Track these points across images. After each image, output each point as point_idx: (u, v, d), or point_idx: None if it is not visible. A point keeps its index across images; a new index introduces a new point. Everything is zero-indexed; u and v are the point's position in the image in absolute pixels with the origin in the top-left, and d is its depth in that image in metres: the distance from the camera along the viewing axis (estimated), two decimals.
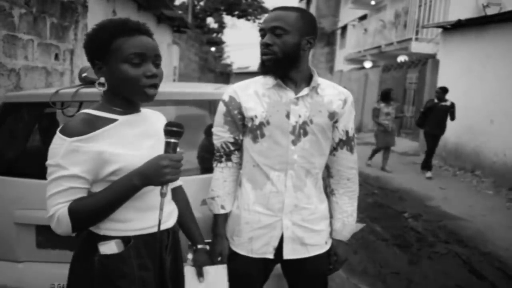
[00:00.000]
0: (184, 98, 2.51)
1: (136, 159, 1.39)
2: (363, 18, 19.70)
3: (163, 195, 1.39)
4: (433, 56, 11.22)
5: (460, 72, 9.50)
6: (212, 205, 1.89)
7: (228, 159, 1.88)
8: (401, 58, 13.52)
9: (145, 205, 1.47)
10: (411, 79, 12.59)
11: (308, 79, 1.81)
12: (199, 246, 1.74)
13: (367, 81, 16.27)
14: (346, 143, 1.88)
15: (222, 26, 35.79)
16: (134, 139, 1.45)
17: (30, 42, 5.17)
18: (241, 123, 1.84)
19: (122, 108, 1.46)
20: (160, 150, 1.42)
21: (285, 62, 1.73)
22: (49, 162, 1.36)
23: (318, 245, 1.87)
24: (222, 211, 1.87)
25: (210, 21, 34.89)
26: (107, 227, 1.43)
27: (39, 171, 2.36)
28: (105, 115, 1.43)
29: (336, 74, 21.39)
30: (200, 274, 1.74)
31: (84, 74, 2.42)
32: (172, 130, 1.40)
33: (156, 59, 1.44)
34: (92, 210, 1.35)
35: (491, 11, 9.87)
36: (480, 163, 8.30)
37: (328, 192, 1.97)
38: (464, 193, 6.96)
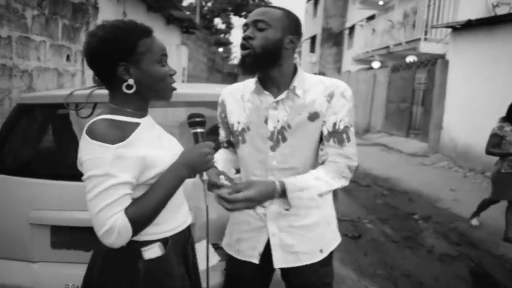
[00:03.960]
0: (195, 99, 2.53)
1: (170, 160, 1.44)
2: (371, 18, 19.63)
3: (205, 182, 1.51)
4: (442, 56, 11.16)
5: (470, 72, 9.44)
6: None
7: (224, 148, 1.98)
8: (410, 59, 13.45)
9: (176, 202, 1.53)
10: (420, 79, 12.52)
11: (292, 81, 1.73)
12: None
13: (375, 82, 16.22)
14: (332, 135, 1.68)
15: (229, 26, 35.85)
16: (157, 140, 1.49)
17: (43, 43, 5.22)
18: (227, 126, 1.86)
19: (138, 110, 1.47)
20: (175, 146, 1.53)
21: (264, 59, 1.64)
22: (94, 172, 1.30)
23: (310, 253, 1.76)
24: None
25: (218, 22, 34.99)
26: (147, 232, 1.43)
27: (53, 172, 2.40)
28: (127, 119, 1.42)
29: (344, 75, 21.34)
30: None
31: None
32: (195, 121, 1.51)
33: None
34: (150, 211, 1.37)
35: (501, 10, 9.81)
36: (491, 165, 8.21)
37: None
38: (474, 194, 6.91)
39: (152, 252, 1.45)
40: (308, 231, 1.75)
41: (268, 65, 1.67)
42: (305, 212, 1.74)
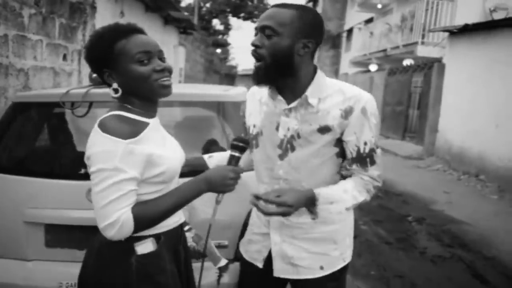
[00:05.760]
0: (193, 99, 2.54)
1: (174, 162, 1.48)
2: (369, 21, 19.69)
3: (218, 202, 1.54)
4: (439, 60, 11.20)
5: (466, 76, 9.49)
6: None
7: None
8: (407, 62, 13.51)
9: None
10: (417, 83, 12.57)
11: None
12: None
13: (372, 85, 16.27)
14: (355, 160, 1.60)
15: (227, 28, 35.86)
16: (162, 141, 1.50)
17: (39, 42, 5.22)
18: (245, 127, 1.81)
19: (145, 110, 1.46)
20: (177, 148, 1.56)
21: (275, 69, 1.52)
22: (102, 166, 1.30)
23: (310, 268, 1.68)
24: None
25: (216, 23, 35.00)
26: None
27: (48, 170, 2.41)
28: (138, 118, 1.42)
29: (341, 77, 21.38)
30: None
31: (94, 75, 2.45)
32: (238, 145, 1.53)
33: (160, 54, 1.46)
34: (158, 214, 1.39)
35: (498, 15, 9.83)
36: (485, 168, 8.27)
37: None
38: (468, 197, 6.96)
39: (144, 247, 1.45)
40: (311, 245, 1.68)
41: (281, 76, 1.55)
42: (310, 225, 1.66)
